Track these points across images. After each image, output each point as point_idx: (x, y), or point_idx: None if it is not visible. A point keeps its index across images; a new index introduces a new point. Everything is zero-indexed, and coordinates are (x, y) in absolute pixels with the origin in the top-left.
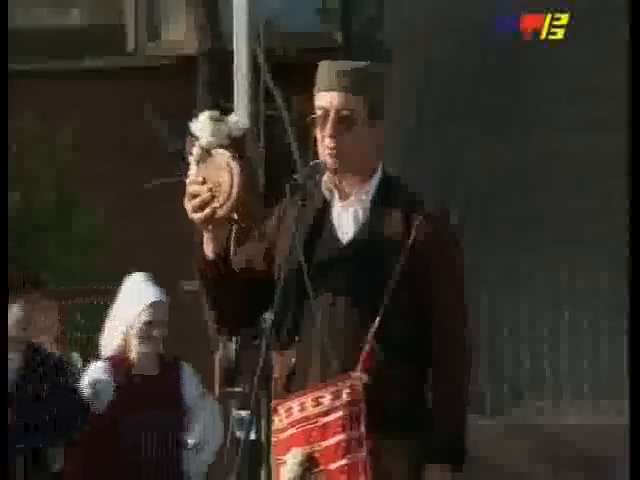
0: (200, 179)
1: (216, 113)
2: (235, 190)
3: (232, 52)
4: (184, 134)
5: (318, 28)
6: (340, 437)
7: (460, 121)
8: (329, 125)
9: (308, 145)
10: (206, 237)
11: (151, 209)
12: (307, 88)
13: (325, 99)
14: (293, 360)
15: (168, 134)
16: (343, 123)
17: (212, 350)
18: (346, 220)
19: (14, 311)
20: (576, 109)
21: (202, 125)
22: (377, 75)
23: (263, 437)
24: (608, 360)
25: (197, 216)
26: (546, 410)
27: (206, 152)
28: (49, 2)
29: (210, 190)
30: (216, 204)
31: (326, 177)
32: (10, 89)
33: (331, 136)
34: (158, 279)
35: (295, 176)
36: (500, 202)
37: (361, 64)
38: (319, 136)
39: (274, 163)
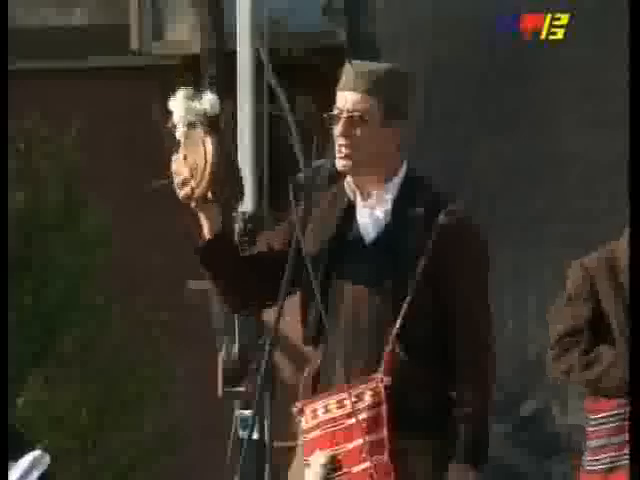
0: (182, 157)
1: (191, 91)
2: (208, 168)
3: (236, 52)
4: None
5: (323, 28)
6: (363, 439)
7: (465, 121)
8: (340, 125)
9: (312, 145)
10: (200, 218)
11: (158, 209)
12: (312, 88)
13: (341, 99)
14: (318, 361)
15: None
16: (354, 123)
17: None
18: (368, 220)
19: None
20: (581, 109)
21: (176, 102)
22: (396, 75)
23: (266, 437)
24: None
25: (180, 195)
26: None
27: (187, 130)
28: (53, 1)
29: (190, 168)
30: (193, 183)
31: (349, 177)
32: (14, 89)
33: (341, 135)
34: (165, 278)
35: (298, 176)
36: (506, 202)
37: (381, 65)
38: (334, 136)
39: (278, 163)
